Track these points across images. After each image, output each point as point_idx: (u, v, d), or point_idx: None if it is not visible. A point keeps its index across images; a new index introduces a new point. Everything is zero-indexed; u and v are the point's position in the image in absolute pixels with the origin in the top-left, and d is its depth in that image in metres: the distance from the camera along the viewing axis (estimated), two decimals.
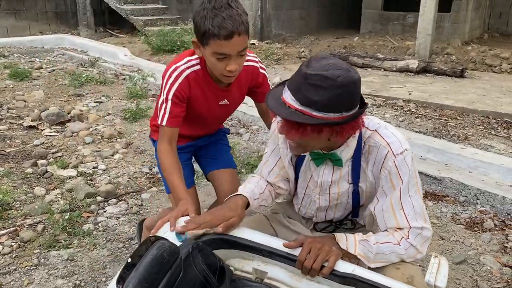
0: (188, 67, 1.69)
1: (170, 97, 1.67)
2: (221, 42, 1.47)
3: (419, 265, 2.22)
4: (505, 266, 2.32)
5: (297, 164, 1.58)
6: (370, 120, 1.45)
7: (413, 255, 1.39)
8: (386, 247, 1.37)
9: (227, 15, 1.47)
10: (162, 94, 1.70)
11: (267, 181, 1.64)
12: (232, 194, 1.53)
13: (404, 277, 1.37)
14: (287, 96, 1.27)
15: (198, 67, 1.70)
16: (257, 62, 1.85)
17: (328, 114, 1.23)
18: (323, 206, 1.58)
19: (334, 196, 1.53)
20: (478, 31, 10.54)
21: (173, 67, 1.68)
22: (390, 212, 1.39)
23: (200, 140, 2.08)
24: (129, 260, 1.18)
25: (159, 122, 1.70)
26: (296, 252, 1.33)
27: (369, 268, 1.36)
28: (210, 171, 2.12)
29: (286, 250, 1.37)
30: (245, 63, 1.73)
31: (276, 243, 1.38)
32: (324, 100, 1.21)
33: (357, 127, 1.34)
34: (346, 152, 1.43)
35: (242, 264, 1.38)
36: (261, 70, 1.87)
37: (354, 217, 1.61)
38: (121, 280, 1.15)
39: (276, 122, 1.41)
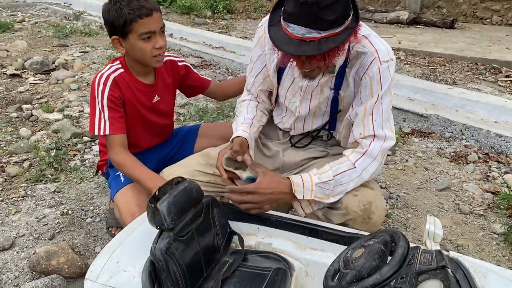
0: (113, 71, 1.71)
1: (105, 103, 1.65)
2: (143, 21, 1.56)
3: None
4: (487, 192, 2.37)
5: (280, 71, 1.56)
6: (361, 26, 1.40)
7: (372, 170, 1.42)
8: (342, 176, 1.39)
9: None
10: (96, 104, 1.67)
11: (256, 99, 1.65)
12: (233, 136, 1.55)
13: (361, 204, 1.40)
14: (303, 33, 1.20)
15: (122, 70, 1.72)
16: (175, 57, 1.93)
17: (345, 22, 1.22)
18: (303, 114, 1.57)
19: (314, 102, 1.53)
20: None
21: (99, 75, 1.70)
22: (360, 117, 1.41)
23: (161, 149, 2.01)
24: (156, 193, 1.22)
25: (101, 133, 1.65)
26: (303, 218, 1.42)
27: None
28: (191, 152, 2.04)
29: (294, 217, 1.41)
30: (164, 59, 1.79)
31: (282, 214, 1.44)
32: (339, 12, 1.20)
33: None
34: (338, 58, 1.40)
35: (245, 239, 1.41)
36: (180, 64, 1.92)
37: (331, 130, 1.61)
38: (153, 201, 1.19)
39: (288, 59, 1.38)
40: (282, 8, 1.27)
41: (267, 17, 1.40)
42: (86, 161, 2.76)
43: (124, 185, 1.72)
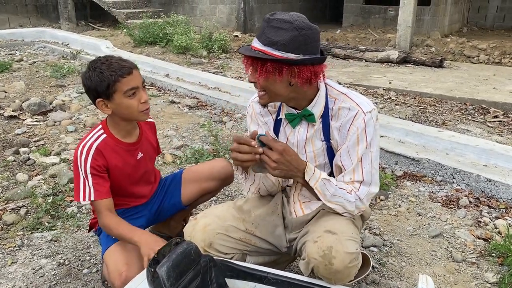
0: (95, 139, 1.76)
1: (88, 171, 1.71)
2: (126, 79, 1.65)
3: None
4: (479, 239, 2.40)
5: (275, 133, 1.67)
6: (338, 85, 1.62)
7: (359, 207, 1.55)
8: (341, 192, 1.52)
9: (117, 60, 1.69)
10: (80, 172, 1.72)
11: None
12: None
13: (321, 249, 1.45)
14: (254, 42, 1.43)
15: (104, 135, 1.78)
16: (152, 119, 2.04)
17: (287, 54, 1.39)
18: None
19: (310, 155, 1.62)
20: (457, 25, 10.74)
21: (82, 145, 1.75)
22: (351, 164, 1.53)
23: (152, 204, 2.06)
24: (156, 255, 1.27)
25: (86, 200, 1.71)
26: (299, 276, 1.50)
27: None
28: (179, 199, 2.10)
29: (289, 275, 1.47)
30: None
31: (280, 271, 1.50)
32: (283, 40, 1.37)
33: (316, 75, 1.46)
34: (316, 108, 1.55)
35: None
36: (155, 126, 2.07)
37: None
38: (153, 264, 1.23)
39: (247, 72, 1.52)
40: None
41: (253, 97, 1.69)
42: (83, 207, 2.78)
43: (114, 242, 1.75)
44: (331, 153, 1.62)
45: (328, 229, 1.51)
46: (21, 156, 3.53)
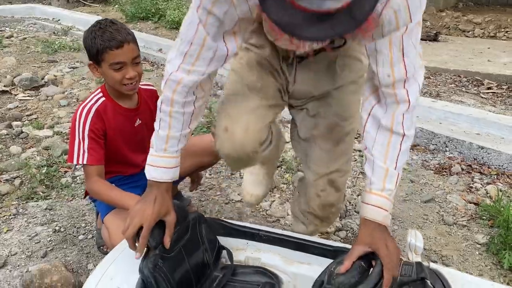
0: (95, 102, 1.76)
1: (86, 134, 1.70)
2: (114, 52, 1.62)
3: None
4: (470, 203, 2.44)
5: None
6: None
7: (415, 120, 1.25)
8: (400, 158, 1.26)
9: (113, 29, 1.64)
10: (76, 134, 1.71)
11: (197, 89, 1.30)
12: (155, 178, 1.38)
13: (321, 205, 1.55)
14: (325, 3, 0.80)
15: (103, 98, 1.78)
16: (154, 87, 2.00)
17: None
18: None
19: None
20: (453, 0, 10.65)
21: (81, 107, 1.74)
22: (386, 54, 1.12)
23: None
24: None
25: (80, 162, 1.69)
26: (291, 233, 1.51)
27: None
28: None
29: (281, 232, 1.49)
30: (146, 87, 1.93)
31: (272, 229, 1.52)
32: None
33: None
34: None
35: (235, 254, 1.47)
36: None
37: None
38: None
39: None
40: None
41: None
42: (77, 177, 2.78)
43: (114, 207, 1.75)
44: None
45: (331, 179, 1.54)
46: (14, 129, 3.51)
